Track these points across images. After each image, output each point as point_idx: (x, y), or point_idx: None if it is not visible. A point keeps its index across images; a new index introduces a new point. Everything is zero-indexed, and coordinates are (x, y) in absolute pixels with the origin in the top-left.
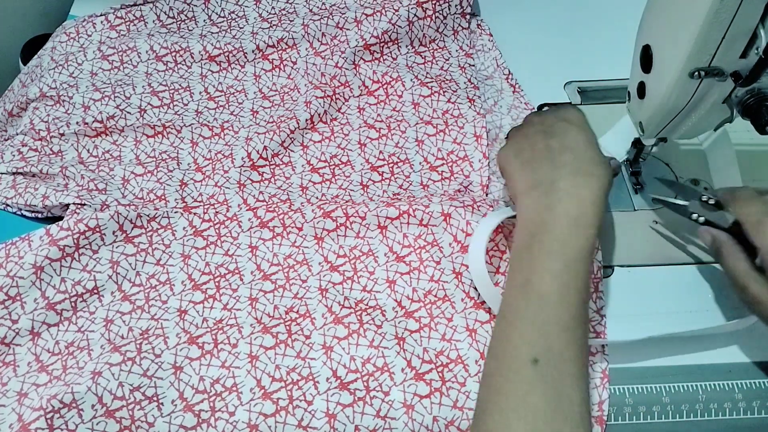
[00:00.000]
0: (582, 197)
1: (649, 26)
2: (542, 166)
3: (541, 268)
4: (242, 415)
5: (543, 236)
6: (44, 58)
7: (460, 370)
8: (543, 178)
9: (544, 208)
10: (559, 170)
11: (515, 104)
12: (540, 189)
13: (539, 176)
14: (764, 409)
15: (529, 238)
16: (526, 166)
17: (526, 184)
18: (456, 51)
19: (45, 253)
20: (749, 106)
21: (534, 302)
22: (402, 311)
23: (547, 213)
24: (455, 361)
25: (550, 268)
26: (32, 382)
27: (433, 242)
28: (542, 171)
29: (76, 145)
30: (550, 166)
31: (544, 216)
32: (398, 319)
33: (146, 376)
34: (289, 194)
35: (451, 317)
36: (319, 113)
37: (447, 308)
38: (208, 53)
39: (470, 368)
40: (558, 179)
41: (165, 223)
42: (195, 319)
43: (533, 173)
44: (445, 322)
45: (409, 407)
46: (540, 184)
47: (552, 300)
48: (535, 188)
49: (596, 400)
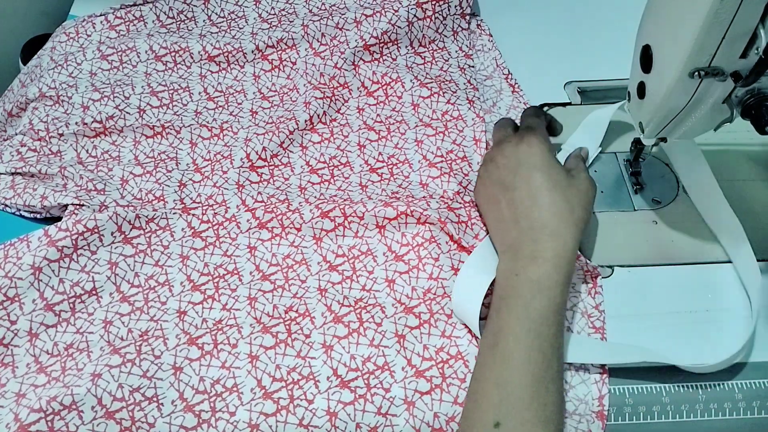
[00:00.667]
0: (544, 260)
1: (649, 26)
2: (509, 230)
3: (507, 331)
4: (243, 415)
5: (509, 300)
6: (44, 58)
7: (460, 366)
8: (511, 242)
9: (510, 273)
10: (524, 234)
11: (514, 104)
12: (508, 253)
13: (508, 240)
14: (764, 409)
15: (498, 300)
16: (497, 226)
17: (500, 246)
18: (456, 52)
19: (43, 254)
20: (749, 106)
21: (499, 364)
22: (402, 308)
23: (513, 278)
24: (455, 357)
25: (514, 331)
26: (31, 383)
27: (431, 239)
28: (509, 235)
29: (75, 145)
30: (516, 229)
31: (511, 281)
32: (398, 315)
33: (146, 377)
34: (288, 195)
35: (450, 314)
36: (319, 114)
37: (446, 305)
38: (208, 53)
39: (470, 364)
40: (522, 244)
41: (164, 224)
42: (194, 319)
43: (503, 236)
44: (444, 318)
45: (410, 404)
46: (509, 248)
47: (515, 362)
48: (505, 252)
49: (596, 395)
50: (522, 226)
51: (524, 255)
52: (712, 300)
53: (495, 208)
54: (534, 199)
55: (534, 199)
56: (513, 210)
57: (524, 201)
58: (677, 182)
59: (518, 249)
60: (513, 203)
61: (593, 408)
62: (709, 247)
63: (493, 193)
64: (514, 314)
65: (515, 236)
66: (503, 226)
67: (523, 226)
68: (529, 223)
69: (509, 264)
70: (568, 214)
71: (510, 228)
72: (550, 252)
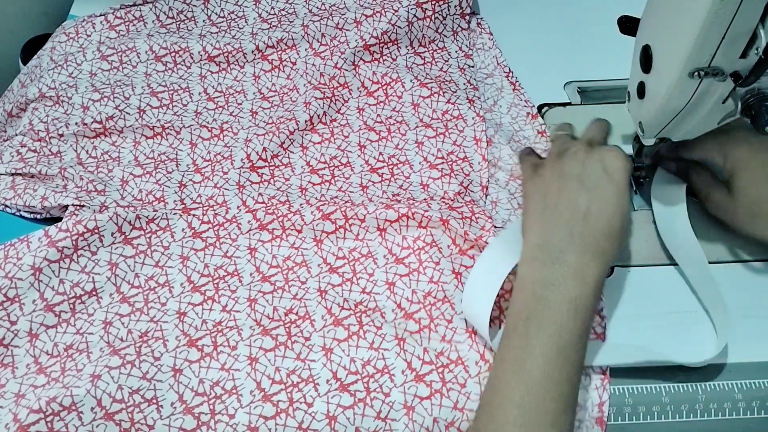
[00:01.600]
0: (586, 277)
1: (649, 26)
2: (558, 230)
3: (536, 351)
4: (242, 418)
5: (541, 315)
6: (44, 58)
7: (460, 371)
8: (553, 245)
9: (546, 283)
10: (573, 241)
11: (515, 102)
12: (545, 257)
13: (550, 240)
14: (764, 409)
15: (527, 311)
16: (544, 220)
17: (535, 241)
18: (456, 52)
19: (43, 254)
20: (749, 105)
21: (524, 384)
22: (402, 313)
23: (548, 290)
24: (455, 362)
25: (545, 353)
26: (30, 384)
27: (432, 243)
28: (556, 236)
29: (75, 146)
30: (566, 233)
31: (545, 292)
32: (398, 320)
33: (145, 378)
34: (288, 196)
35: (450, 318)
36: (319, 114)
37: (447, 309)
38: (208, 54)
39: (470, 369)
40: (567, 251)
41: (164, 225)
42: (194, 321)
43: (546, 233)
44: (444, 323)
45: (409, 408)
46: (548, 249)
47: (543, 386)
48: (540, 251)
49: (596, 401)
50: (574, 233)
51: (566, 265)
52: None
53: (552, 200)
54: (603, 213)
55: (602, 214)
56: (574, 212)
57: (592, 210)
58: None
59: (558, 256)
60: (577, 206)
61: (593, 414)
62: (708, 247)
63: (559, 185)
64: (546, 333)
65: (559, 239)
66: (551, 222)
67: (576, 232)
68: (585, 234)
69: (543, 271)
70: (618, 243)
71: (558, 228)
72: (595, 274)
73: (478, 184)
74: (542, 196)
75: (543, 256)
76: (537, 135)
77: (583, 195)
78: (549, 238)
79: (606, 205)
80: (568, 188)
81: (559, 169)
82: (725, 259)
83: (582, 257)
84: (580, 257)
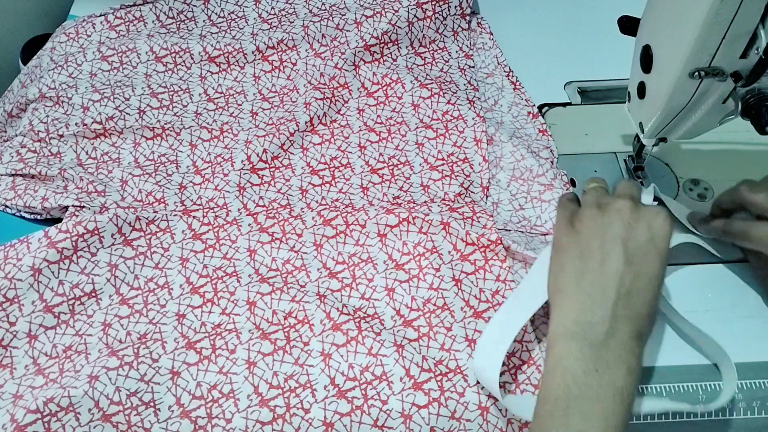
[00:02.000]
0: (631, 365)
1: (649, 26)
2: (599, 308)
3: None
4: (239, 423)
5: (584, 405)
6: (44, 58)
7: (459, 380)
8: (594, 324)
9: (589, 369)
10: (616, 322)
11: (516, 101)
12: (586, 337)
13: (591, 318)
14: (764, 409)
15: (567, 398)
16: (583, 290)
17: (572, 315)
18: (456, 52)
19: (43, 255)
20: (749, 106)
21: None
22: (401, 320)
23: (592, 377)
24: (454, 371)
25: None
26: (28, 385)
27: (433, 249)
28: (597, 314)
29: (75, 146)
30: (609, 312)
31: (588, 379)
32: (397, 327)
33: (143, 381)
34: (289, 198)
35: (450, 326)
36: (319, 115)
37: (446, 317)
38: (208, 54)
39: (469, 379)
40: (612, 335)
41: (164, 226)
42: (193, 323)
43: (585, 309)
44: (444, 331)
45: (407, 417)
46: (589, 329)
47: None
48: (579, 328)
49: None
50: (618, 314)
51: (610, 351)
52: (712, 300)
53: (592, 265)
54: (647, 291)
55: (646, 292)
56: (618, 288)
57: (637, 286)
58: (677, 182)
59: (602, 339)
60: (622, 282)
61: None
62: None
63: (601, 248)
64: (591, 425)
65: (601, 318)
66: (591, 296)
67: (619, 313)
68: (629, 316)
69: (584, 354)
70: (655, 320)
71: (599, 304)
72: (640, 359)
73: (478, 185)
74: (579, 256)
75: (582, 335)
76: (538, 133)
77: (627, 268)
78: (589, 315)
79: (650, 282)
80: (611, 256)
81: (601, 227)
82: (726, 259)
83: (627, 342)
84: (626, 342)
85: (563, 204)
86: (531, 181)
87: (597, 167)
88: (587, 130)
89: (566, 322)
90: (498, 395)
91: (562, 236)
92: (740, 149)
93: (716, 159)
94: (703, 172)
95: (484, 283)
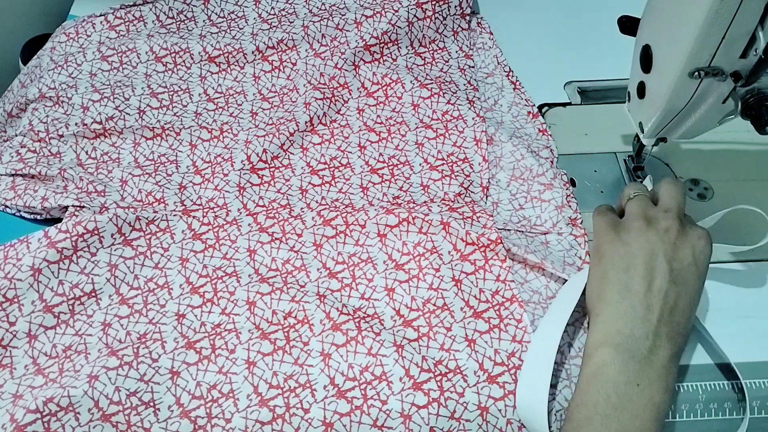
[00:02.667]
0: (669, 383)
1: (648, 26)
2: (644, 324)
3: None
4: (239, 422)
5: (623, 416)
6: (44, 58)
7: (458, 380)
8: (639, 338)
9: (631, 381)
10: (659, 339)
11: (516, 101)
12: (630, 350)
13: (635, 332)
14: (764, 409)
15: (606, 407)
16: (629, 304)
17: (617, 326)
18: (456, 52)
19: (43, 255)
20: (749, 106)
21: None
22: (400, 320)
23: (633, 389)
24: (454, 371)
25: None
26: (28, 385)
27: (433, 249)
28: (641, 329)
29: (75, 146)
30: (652, 328)
31: (629, 391)
32: (396, 327)
33: (143, 380)
34: (289, 198)
35: (450, 327)
36: (318, 115)
37: (446, 317)
38: (208, 54)
39: (469, 379)
40: (654, 351)
41: (164, 226)
42: (193, 323)
43: (631, 322)
44: (443, 331)
45: (406, 417)
46: (633, 342)
47: None
48: (624, 340)
49: None
50: (661, 332)
51: (652, 367)
52: (712, 300)
53: (638, 280)
54: (687, 311)
55: (686, 312)
56: (663, 306)
57: (679, 305)
58: None
59: (645, 354)
60: (667, 300)
61: None
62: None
63: (647, 265)
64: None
65: (645, 333)
66: (637, 311)
67: (662, 331)
68: (671, 335)
69: (627, 366)
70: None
71: (644, 320)
72: (676, 379)
73: (478, 185)
74: (625, 269)
75: (625, 346)
76: (538, 133)
77: (672, 288)
78: (633, 328)
79: (690, 303)
80: (658, 275)
81: (648, 243)
82: (725, 259)
83: (668, 362)
84: (667, 361)
85: (601, 212)
86: (531, 180)
87: (597, 167)
88: (587, 130)
89: (609, 331)
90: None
91: (605, 244)
92: (740, 149)
93: (716, 159)
94: (703, 172)
95: (484, 283)
